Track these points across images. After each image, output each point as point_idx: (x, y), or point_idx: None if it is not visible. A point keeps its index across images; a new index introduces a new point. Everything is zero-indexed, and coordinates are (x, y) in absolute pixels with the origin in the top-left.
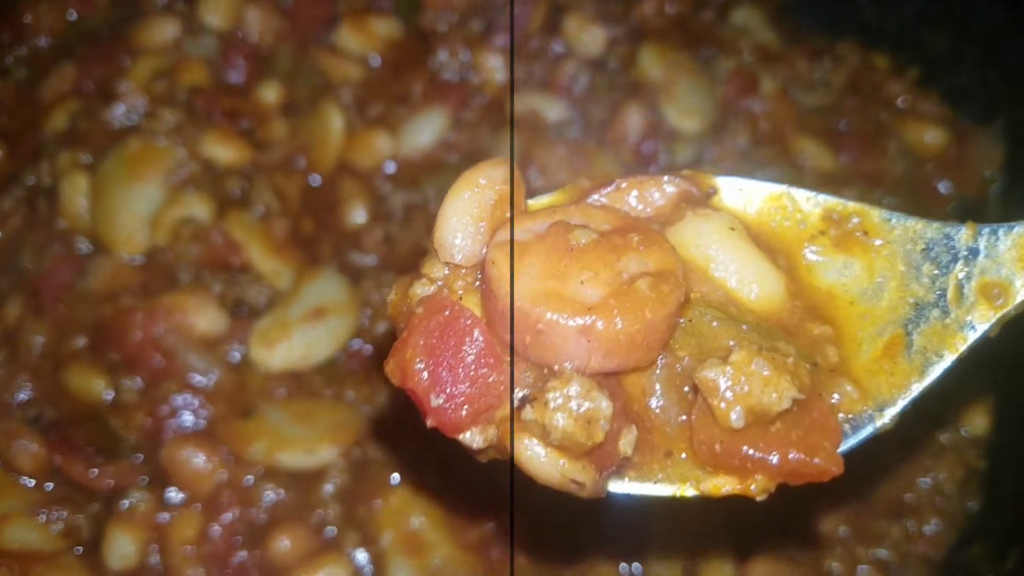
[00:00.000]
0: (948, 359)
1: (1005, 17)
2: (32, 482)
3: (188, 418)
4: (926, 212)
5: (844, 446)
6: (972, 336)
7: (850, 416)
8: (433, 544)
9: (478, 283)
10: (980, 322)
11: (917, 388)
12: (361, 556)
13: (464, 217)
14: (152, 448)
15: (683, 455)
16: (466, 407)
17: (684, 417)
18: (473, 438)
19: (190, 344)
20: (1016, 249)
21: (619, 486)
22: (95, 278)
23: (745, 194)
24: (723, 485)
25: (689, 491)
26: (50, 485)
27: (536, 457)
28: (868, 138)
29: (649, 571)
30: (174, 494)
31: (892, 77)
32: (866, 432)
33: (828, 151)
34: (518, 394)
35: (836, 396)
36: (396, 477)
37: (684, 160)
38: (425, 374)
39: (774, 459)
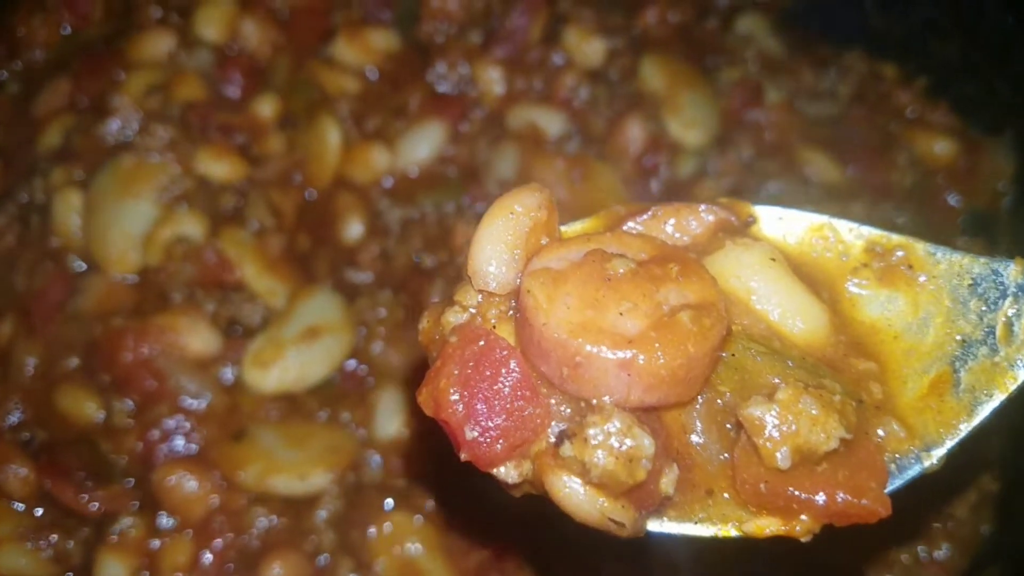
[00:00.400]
0: (998, 399)
1: (1015, 25)
2: (22, 507)
3: (180, 442)
4: (936, 225)
5: (890, 487)
6: (1023, 375)
7: (896, 456)
8: (429, 571)
9: (512, 312)
10: None
11: (965, 428)
12: None
13: (498, 244)
14: (143, 472)
15: (725, 494)
16: (501, 441)
17: (726, 455)
18: (508, 473)
19: (182, 365)
20: None
21: (658, 525)
22: (87, 297)
23: (785, 224)
24: (767, 526)
25: (731, 531)
26: (40, 510)
27: (575, 495)
28: (876, 149)
29: None
30: (165, 519)
31: (900, 87)
32: (913, 472)
33: (835, 163)
34: (555, 429)
35: (881, 434)
36: (390, 503)
37: (687, 173)
38: (460, 405)
39: (820, 500)
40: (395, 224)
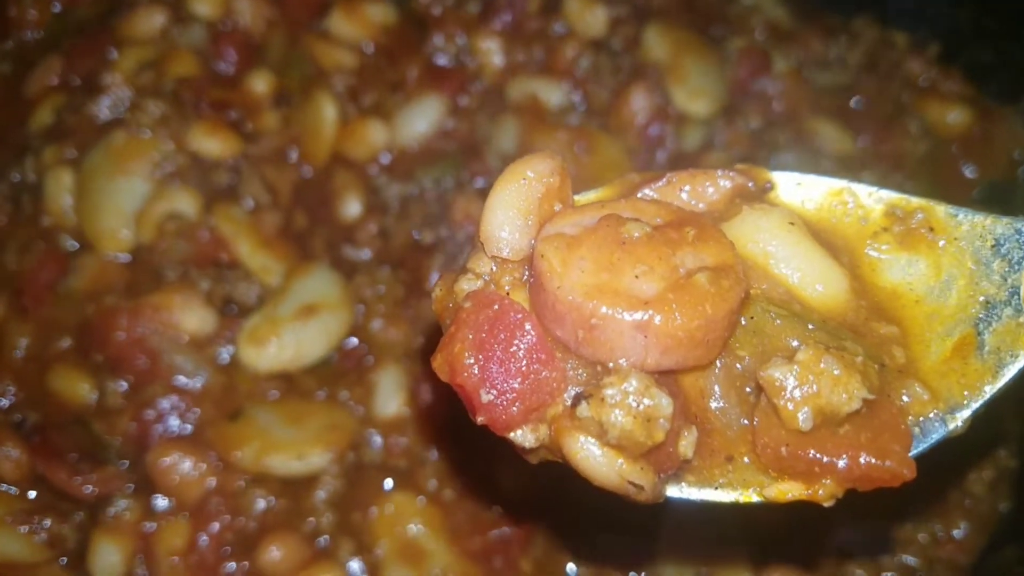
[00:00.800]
0: (1023, 359)
1: None
2: (15, 490)
3: (174, 422)
4: (950, 196)
5: (915, 450)
6: None
7: (920, 419)
8: (432, 553)
9: (526, 277)
10: None
11: (990, 390)
12: (356, 565)
13: (510, 210)
14: (138, 453)
15: (745, 459)
16: (517, 404)
17: (745, 421)
18: (524, 437)
19: (176, 345)
20: None
21: (678, 491)
22: (79, 277)
23: (803, 189)
24: (788, 491)
25: (753, 497)
26: (33, 493)
27: (592, 457)
28: (887, 119)
29: None
30: (161, 501)
31: (912, 54)
32: (937, 435)
33: (845, 133)
34: (571, 391)
35: (905, 398)
36: (391, 483)
37: (693, 144)
38: (475, 368)
39: (843, 463)
40: (394, 201)
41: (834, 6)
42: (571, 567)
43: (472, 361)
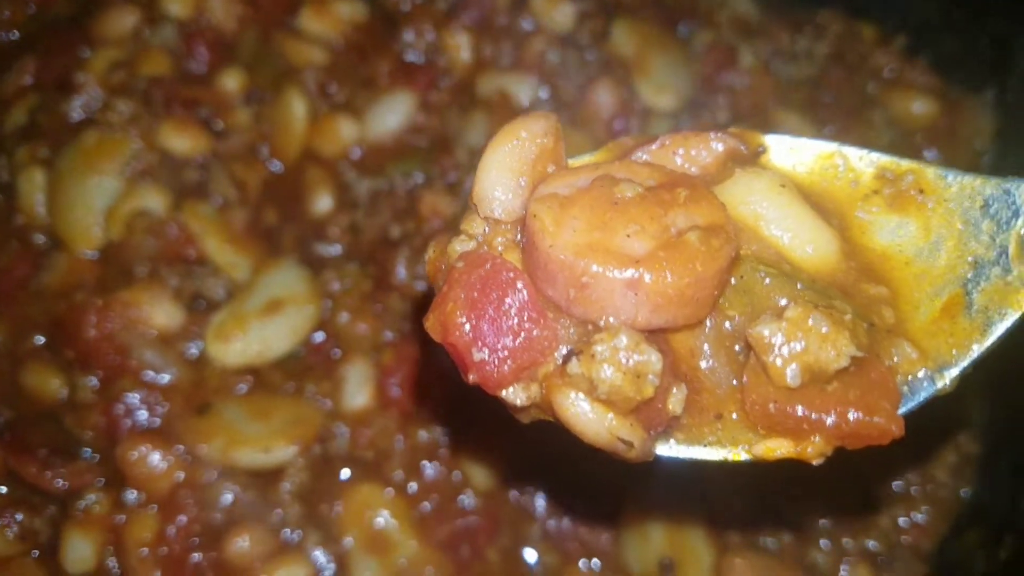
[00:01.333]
0: (1011, 317)
1: None
2: None
3: (143, 415)
4: None
5: (903, 408)
6: None
7: (908, 377)
8: (399, 543)
9: (519, 238)
10: None
11: (978, 348)
12: (323, 556)
13: (504, 171)
14: (107, 447)
15: (734, 416)
16: (509, 362)
17: (735, 381)
18: (516, 395)
19: (146, 340)
20: None
21: (667, 449)
22: (51, 274)
23: (795, 153)
24: (777, 448)
25: (741, 455)
26: (4, 488)
27: (582, 413)
28: (853, 110)
29: (623, 567)
30: (130, 495)
31: (878, 46)
32: (925, 394)
33: (811, 125)
34: (562, 349)
35: (895, 357)
36: (358, 474)
37: None
38: (467, 327)
39: (831, 420)
40: (364, 196)
41: (802, 0)
42: (536, 555)
43: (464, 320)
